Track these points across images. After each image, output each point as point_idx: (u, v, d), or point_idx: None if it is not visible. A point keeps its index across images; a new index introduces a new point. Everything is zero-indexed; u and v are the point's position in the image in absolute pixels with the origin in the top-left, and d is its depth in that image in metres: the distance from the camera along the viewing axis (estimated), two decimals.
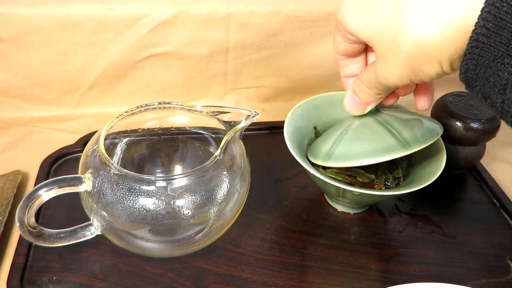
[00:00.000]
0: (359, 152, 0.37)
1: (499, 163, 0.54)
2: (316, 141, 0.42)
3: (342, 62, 0.36)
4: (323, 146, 0.39)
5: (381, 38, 0.28)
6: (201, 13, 0.53)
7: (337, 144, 0.38)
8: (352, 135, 0.38)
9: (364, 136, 0.37)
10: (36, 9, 0.50)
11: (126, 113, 0.37)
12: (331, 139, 0.39)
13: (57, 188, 0.32)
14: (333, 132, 0.40)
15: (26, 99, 0.56)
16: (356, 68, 0.36)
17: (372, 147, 0.36)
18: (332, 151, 0.38)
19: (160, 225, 0.33)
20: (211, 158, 0.33)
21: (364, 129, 0.38)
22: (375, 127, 0.38)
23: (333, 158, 0.38)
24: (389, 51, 0.28)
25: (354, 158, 0.36)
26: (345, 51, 0.35)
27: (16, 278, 0.36)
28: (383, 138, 0.37)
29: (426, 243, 0.42)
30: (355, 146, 0.37)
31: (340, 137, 0.38)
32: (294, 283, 0.37)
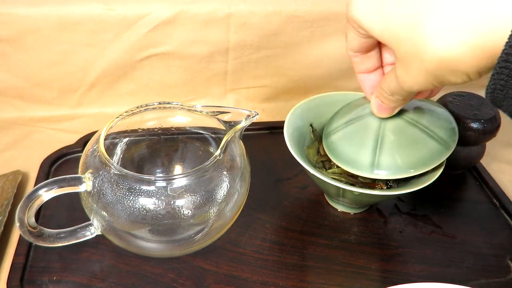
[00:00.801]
0: (410, 161, 0.36)
1: (499, 163, 0.54)
2: (339, 144, 0.39)
3: (357, 59, 0.35)
4: (361, 155, 0.37)
5: (400, 43, 0.27)
6: (201, 13, 0.53)
7: (380, 154, 0.37)
8: (393, 143, 0.37)
9: (406, 143, 0.37)
10: (36, 9, 0.50)
11: (126, 113, 0.37)
12: (366, 146, 0.37)
13: (57, 188, 0.32)
14: (363, 137, 0.38)
15: (26, 99, 0.56)
16: (371, 64, 0.35)
17: (420, 155, 0.37)
18: (378, 162, 0.37)
19: (160, 225, 0.33)
20: (211, 158, 0.33)
21: (401, 134, 0.37)
22: (409, 130, 0.37)
23: (382, 169, 0.37)
24: (411, 59, 0.27)
25: (408, 168, 0.36)
26: (359, 47, 0.34)
27: (16, 278, 0.36)
28: (425, 143, 0.37)
29: (426, 243, 0.42)
30: (402, 155, 0.37)
31: (379, 145, 0.37)
32: (294, 283, 0.37)
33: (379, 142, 0.37)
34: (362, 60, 0.35)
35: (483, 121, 0.44)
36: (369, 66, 0.36)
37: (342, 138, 0.39)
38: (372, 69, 0.36)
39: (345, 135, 0.39)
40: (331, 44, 0.58)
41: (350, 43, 0.34)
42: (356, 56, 0.35)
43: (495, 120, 0.45)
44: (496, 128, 0.45)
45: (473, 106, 0.46)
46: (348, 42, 0.34)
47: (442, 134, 0.38)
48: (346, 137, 0.39)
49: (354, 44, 0.33)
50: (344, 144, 0.39)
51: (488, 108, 0.45)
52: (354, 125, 0.39)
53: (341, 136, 0.39)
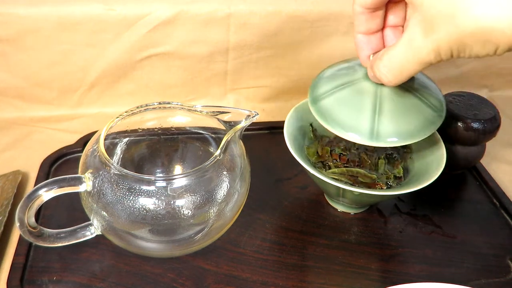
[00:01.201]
0: (409, 129, 0.35)
1: (499, 163, 0.54)
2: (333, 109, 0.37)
3: (362, 16, 0.33)
4: (359, 122, 0.35)
5: (435, 2, 0.25)
6: (201, 13, 0.53)
7: (379, 120, 0.35)
8: (391, 109, 0.35)
9: (404, 109, 0.36)
10: (36, 9, 0.50)
11: (126, 113, 0.37)
12: (364, 112, 0.35)
13: (57, 188, 0.32)
14: (359, 103, 0.36)
15: (26, 99, 0.56)
16: (375, 24, 0.33)
17: (419, 122, 0.36)
18: (378, 129, 0.35)
19: (160, 225, 0.33)
20: (211, 158, 0.33)
21: (399, 100, 0.36)
22: (406, 96, 0.36)
23: (383, 137, 0.35)
24: (442, 21, 0.25)
25: (408, 136, 0.35)
26: (372, 2, 0.31)
27: (16, 278, 0.36)
28: (422, 110, 0.36)
29: (426, 243, 0.42)
30: (402, 122, 0.35)
31: (378, 111, 0.35)
32: (294, 283, 0.37)
33: (377, 108, 0.35)
34: (367, 18, 0.33)
35: (483, 121, 0.44)
36: (372, 27, 0.33)
37: (336, 103, 0.37)
38: (374, 31, 0.34)
39: (339, 100, 0.37)
40: (331, 44, 0.58)
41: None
42: (363, 13, 0.33)
43: (495, 120, 0.45)
44: (496, 128, 0.45)
45: (473, 106, 0.46)
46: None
47: (435, 102, 0.37)
48: (340, 102, 0.37)
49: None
50: (339, 110, 0.36)
51: (488, 108, 0.45)
52: (347, 90, 0.37)
53: (335, 101, 0.37)
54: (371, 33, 0.34)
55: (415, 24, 0.27)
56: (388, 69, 0.31)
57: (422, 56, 0.28)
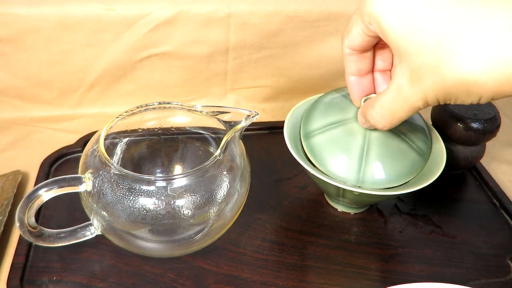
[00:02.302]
0: (394, 173, 0.37)
1: (499, 163, 0.54)
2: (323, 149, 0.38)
3: (352, 57, 0.34)
4: (346, 164, 0.37)
5: (421, 52, 0.26)
6: (201, 13, 0.53)
7: (366, 165, 0.37)
8: (379, 154, 0.37)
9: (391, 153, 0.37)
10: (36, 9, 0.50)
11: (126, 113, 0.37)
12: (352, 155, 0.37)
13: (57, 188, 0.32)
14: (348, 146, 0.37)
15: (26, 99, 0.56)
16: (365, 65, 0.34)
17: (404, 167, 0.37)
18: (364, 175, 0.37)
19: (160, 225, 0.33)
20: (211, 158, 0.33)
21: (386, 144, 0.37)
22: (393, 140, 0.38)
23: (367, 183, 0.37)
24: (428, 71, 0.26)
25: (391, 181, 0.37)
26: (360, 45, 0.32)
27: (16, 278, 0.36)
28: (407, 154, 0.38)
29: (426, 243, 0.42)
30: (387, 168, 0.37)
31: (365, 155, 0.37)
32: (294, 283, 0.37)
33: (365, 152, 0.37)
34: (356, 59, 0.34)
35: (483, 121, 0.44)
36: (362, 68, 0.35)
37: (327, 142, 0.38)
38: (364, 72, 0.35)
39: (330, 140, 0.38)
40: (331, 44, 0.58)
41: (352, 39, 0.32)
42: (352, 55, 0.34)
43: (495, 120, 0.45)
44: (496, 128, 0.45)
45: (473, 106, 0.46)
46: (349, 38, 0.32)
47: (420, 144, 0.39)
48: (331, 142, 0.38)
49: (356, 40, 0.32)
50: (329, 150, 0.38)
51: (488, 108, 0.45)
52: (338, 130, 0.38)
53: (326, 140, 0.38)
54: (361, 75, 0.35)
55: (402, 74, 0.28)
56: (380, 116, 0.32)
57: (411, 103, 0.29)
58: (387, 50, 0.35)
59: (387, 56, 0.35)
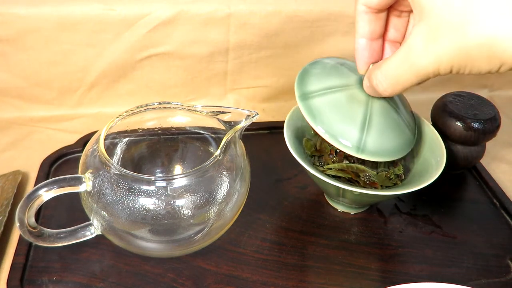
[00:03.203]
0: (391, 147, 0.36)
1: (499, 163, 0.54)
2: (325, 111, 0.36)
3: (366, 16, 0.32)
4: (349, 129, 0.35)
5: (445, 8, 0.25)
6: (201, 13, 0.53)
7: (367, 134, 0.35)
8: (380, 125, 0.36)
9: (390, 127, 0.37)
10: (36, 9, 0.50)
11: (126, 113, 0.37)
12: (355, 123, 0.35)
13: (57, 188, 0.32)
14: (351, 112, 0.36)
15: (26, 99, 0.56)
16: (377, 28, 0.32)
17: (400, 142, 0.37)
18: (365, 143, 0.35)
19: (160, 225, 0.33)
20: (211, 158, 0.33)
21: (387, 117, 0.37)
22: (392, 114, 0.37)
23: (367, 151, 0.35)
24: (450, 29, 0.24)
25: (389, 154, 0.37)
26: (379, 1, 0.30)
27: (16, 278, 0.36)
28: (403, 130, 0.38)
29: (426, 243, 0.42)
30: (386, 140, 0.36)
31: (367, 124, 0.35)
32: (294, 283, 0.37)
33: (368, 121, 0.36)
34: (370, 19, 0.32)
35: (483, 121, 0.44)
36: (375, 30, 0.32)
37: (328, 105, 0.36)
38: (376, 36, 0.33)
39: (331, 103, 0.36)
40: (331, 44, 0.58)
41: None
42: (367, 13, 0.32)
43: (495, 120, 0.45)
44: (496, 128, 0.45)
45: (473, 106, 0.46)
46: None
47: (411, 123, 0.39)
48: (332, 105, 0.36)
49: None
50: (331, 114, 0.36)
51: (488, 108, 0.45)
52: (340, 94, 0.36)
53: (327, 103, 0.36)
54: (373, 39, 0.33)
55: (418, 33, 0.27)
56: (385, 77, 0.30)
57: (419, 67, 0.27)
58: (402, 19, 0.33)
59: (400, 26, 0.34)
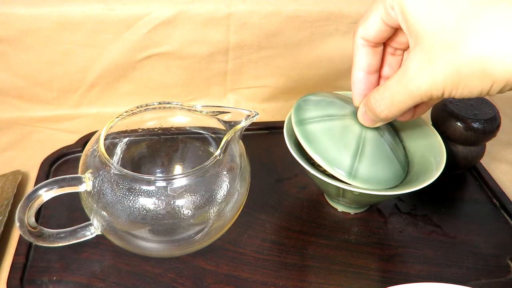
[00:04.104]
0: (382, 176, 0.37)
1: (499, 163, 0.54)
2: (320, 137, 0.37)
3: (364, 49, 0.33)
4: (342, 157, 0.36)
5: (439, 31, 0.26)
6: (201, 13, 0.53)
7: (359, 162, 0.36)
8: (371, 155, 0.37)
9: (381, 157, 0.38)
10: (36, 9, 0.50)
11: (126, 113, 0.37)
12: (348, 150, 0.37)
13: (57, 188, 0.32)
14: (345, 139, 0.37)
15: (26, 99, 0.56)
16: (374, 61, 0.34)
17: (390, 173, 0.38)
18: (357, 170, 0.36)
19: (160, 225, 0.33)
20: (211, 158, 0.33)
21: (378, 148, 0.38)
22: (384, 146, 0.38)
23: (359, 178, 0.36)
24: (443, 50, 0.25)
25: (379, 183, 0.37)
26: (376, 35, 0.32)
27: (16, 278, 0.36)
28: (393, 162, 0.39)
29: (426, 243, 0.42)
30: (376, 169, 0.37)
31: (360, 153, 0.37)
32: (294, 283, 0.37)
33: (360, 149, 0.37)
34: (368, 53, 0.33)
35: (483, 121, 0.44)
36: (372, 63, 0.34)
37: (324, 132, 0.37)
38: (373, 69, 0.35)
39: (327, 130, 0.37)
40: (331, 44, 0.58)
41: (368, 27, 0.31)
42: (365, 46, 0.33)
43: (495, 120, 0.45)
44: (496, 128, 0.45)
45: (473, 106, 0.46)
46: (365, 26, 0.32)
47: (402, 157, 0.40)
48: (328, 132, 0.37)
49: (372, 29, 0.31)
50: (326, 139, 0.37)
51: (488, 108, 0.45)
52: (336, 122, 0.38)
53: (323, 130, 0.37)
54: (370, 72, 0.35)
55: (413, 56, 0.28)
56: (381, 98, 0.31)
57: (413, 87, 0.28)
58: (396, 57, 0.35)
59: (394, 64, 0.35)
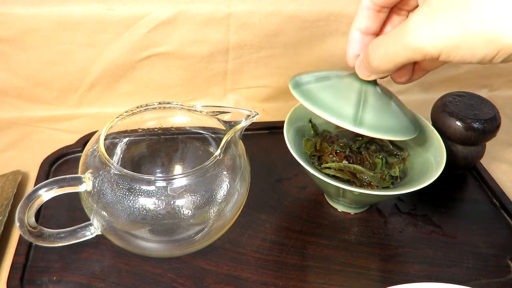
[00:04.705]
0: (390, 125, 0.36)
1: (499, 163, 0.54)
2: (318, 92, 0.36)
3: (367, 12, 0.33)
4: (344, 107, 0.35)
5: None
6: (201, 13, 0.53)
7: (363, 111, 0.35)
8: (376, 105, 0.36)
9: (387, 109, 0.36)
10: (36, 9, 0.50)
11: (126, 113, 0.37)
12: (349, 100, 0.35)
13: (57, 188, 0.32)
14: (345, 92, 0.36)
15: (26, 99, 0.56)
16: (375, 24, 0.34)
17: (399, 124, 0.36)
18: (362, 118, 0.34)
19: (160, 225, 0.33)
20: (211, 158, 0.33)
21: (382, 100, 0.37)
22: (389, 100, 0.37)
23: (366, 126, 0.34)
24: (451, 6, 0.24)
25: (389, 131, 0.35)
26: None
27: (16, 278, 0.36)
28: (402, 116, 0.37)
29: (426, 243, 0.42)
30: (384, 118, 0.36)
31: (363, 103, 0.35)
32: (294, 283, 0.37)
33: (362, 100, 0.35)
34: (369, 16, 0.33)
35: (483, 121, 0.44)
36: (370, 26, 0.34)
37: (321, 88, 0.36)
38: (370, 32, 0.34)
39: (324, 87, 0.37)
40: (331, 44, 0.58)
41: None
42: (369, 9, 0.33)
43: (495, 120, 0.45)
44: (496, 128, 0.45)
45: (473, 106, 0.46)
46: None
47: (410, 115, 0.39)
48: (326, 88, 0.36)
49: None
50: (324, 94, 0.36)
51: (488, 108, 0.46)
52: (333, 81, 0.37)
53: (320, 87, 0.37)
54: (366, 33, 0.34)
55: (418, 12, 0.27)
56: (377, 47, 0.31)
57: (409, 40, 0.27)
58: (401, 17, 0.34)
59: (398, 23, 0.34)
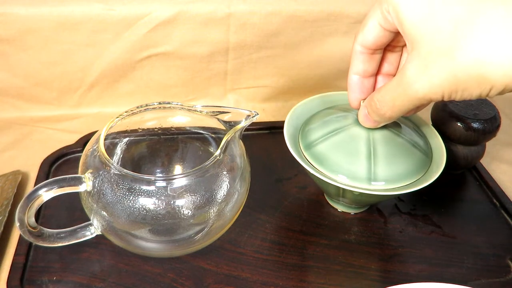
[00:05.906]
0: (403, 170, 0.37)
1: (499, 163, 0.54)
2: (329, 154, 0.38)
3: (361, 56, 0.33)
4: (356, 167, 0.36)
5: (435, 37, 0.26)
6: (201, 13, 0.53)
7: (375, 164, 0.36)
8: (386, 153, 0.37)
9: (398, 153, 0.37)
10: (36, 9, 0.50)
11: (126, 113, 0.37)
12: (359, 157, 0.37)
13: (57, 188, 0.32)
14: (354, 147, 0.37)
15: (26, 99, 0.56)
16: (371, 66, 0.34)
17: (411, 164, 0.37)
18: (375, 173, 0.36)
19: (160, 225, 0.33)
20: (211, 158, 0.33)
21: (391, 145, 0.37)
22: (397, 141, 0.38)
23: (380, 180, 0.36)
24: (440, 56, 0.25)
25: (403, 178, 0.37)
26: (374, 41, 0.32)
27: (16, 278, 0.36)
28: (413, 153, 0.38)
29: (426, 243, 0.42)
30: (396, 166, 0.37)
31: (372, 156, 0.36)
32: (294, 283, 0.37)
33: (372, 152, 0.37)
34: (364, 59, 0.34)
35: (483, 121, 0.44)
36: (368, 69, 0.34)
37: (331, 148, 0.38)
38: (368, 74, 0.35)
39: (333, 145, 0.38)
40: (331, 44, 0.58)
41: (367, 33, 0.31)
42: (363, 53, 0.33)
43: (495, 120, 0.45)
44: (496, 128, 0.45)
45: (473, 106, 0.46)
46: (363, 33, 0.32)
47: (422, 145, 0.39)
48: (335, 147, 0.38)
49: (371, 35, 0.31)
50: (335, 154, 0.37)
51: (488, 108, 0.45)
52: (340, 135, 0.38)
53: (329, 146, 0.38)
54: (365, 76, 0.35)
55: (410, 61, 0.28)
56: (382, 99, 0.32)
57: (412, 92, 0.28)
58: (396, 53, 0.35)
59: (393, 60, 0.35)
